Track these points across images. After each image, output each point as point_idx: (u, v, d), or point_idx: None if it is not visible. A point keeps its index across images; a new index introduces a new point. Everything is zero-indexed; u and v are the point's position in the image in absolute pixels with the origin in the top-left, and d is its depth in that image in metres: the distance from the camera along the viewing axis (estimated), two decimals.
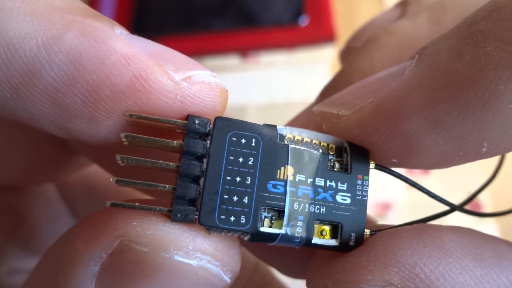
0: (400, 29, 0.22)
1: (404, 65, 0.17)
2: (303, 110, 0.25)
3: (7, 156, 0.22)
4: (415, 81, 0.15)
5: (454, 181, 0.65)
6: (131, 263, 0.15)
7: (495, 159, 0.70)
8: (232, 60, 0.82)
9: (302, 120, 0.23)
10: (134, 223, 0.16)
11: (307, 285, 0.18)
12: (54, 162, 0.24)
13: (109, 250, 0.15)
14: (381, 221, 0.57)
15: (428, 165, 0.17)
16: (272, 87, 0.79)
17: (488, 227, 0.60)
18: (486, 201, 0.63)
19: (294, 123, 0.24)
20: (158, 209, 0.16)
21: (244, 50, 0.83)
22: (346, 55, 0.27)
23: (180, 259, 0.15)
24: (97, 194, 0.29)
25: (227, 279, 0.17)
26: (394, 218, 0.64)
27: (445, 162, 0.16)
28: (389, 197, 0.65)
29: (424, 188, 0.20)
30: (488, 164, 0.67)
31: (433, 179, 0.66)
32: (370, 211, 0.21)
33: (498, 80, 0.14)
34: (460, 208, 0.21)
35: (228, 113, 0.18)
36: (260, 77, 0.80)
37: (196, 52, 0.83)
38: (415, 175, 0.67)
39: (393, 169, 0.19)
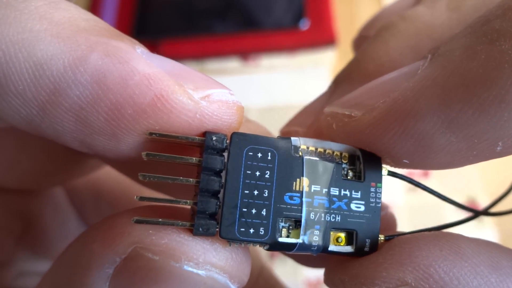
0: (417, 15, 0.21)
1: (416, 65, 0.17)
2: (305, 107, 0.25)
3: (20, 160, 0.22)
4: (428, 81, 0.15)
5: (454, 184, 0.65)
6: (142, 270, 0.16)
7: (497, 161, 0.69)
8: (233, 63, 0.83)
9: (306, 117, 0.24)
10: (150, 231, 0.16)
11: (325, 280, 0.19)
12: (65, 165, 0.25)
13: (123, 255, 0.16)
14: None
15: (440, 165, 0.17)
16: (273, 90, 0.79)
17: (487, 230, 0.60)
18: (483, 200, 0.63)
19: (297, 120, 0.24)
20: (180, 223, 0.16)
21: (245, 53, 0.83)
22: (359, 44, 0.27)
23: (190, 269, 0.16)
24: (105, 199, 0.30)
25: (234, 287, 0.17)
26: None
27: (458, 161, 0.16)
28: (389, 200, 0.66)
29: (444, 196, 0.20)
30: (488, 167, 0.67)
31: (433, 181, 0.66)
32: None
33: None
34: (485, 212, 0.21)
35: None
36: (261, 80, 0.81)
37: (197, 55, 0.84)
38: (414, 177, 0.67)
39: (403, 173, 0.19)
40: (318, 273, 0.63)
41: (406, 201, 0.66)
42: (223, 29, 0.85)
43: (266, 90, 0.80)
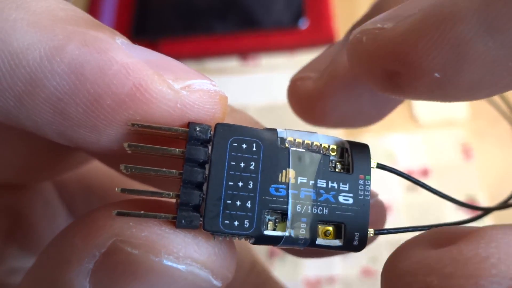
0: None
1: None
2: (318, 55, 0.24)
3: (4, 155, 0.22)
4: None
5: (453, 183, 0.65)
6: (122, 264, 0.16)
7: (496, 160, 0.69)
8: (232, 63, 0.83)
9: (319, 63, 0.23)
10: (130, 223, 0.16)
11: (386, 284, 0.16)
12: (52, 159, 0.24)
13: (102, 249, 0.16)
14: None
15: (473, 83, 0.15)
16: (273, 89, 0.79)
17: None
18: (483, 200, 0.63)
19: (310, 66, 0.23)
20: (163, 216, 0.16)
21: (245, 53, 0.83)
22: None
23: (170, 263, 0.16)
24: (94, 193, 0.29)
25: (218, 283, 0.17)
26: (393, 220, 0.64)
27: (492, 78, 0.15)
28: (387, 198, 0.66)
29: (440, 192, 0.20)
30: (487, 166, 0.67)
31: (432, 180, 0.66)
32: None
33: None
34: (493, 209, 0.21)
35: None
36: (260, 80, 0.81)
37: (196, 55, 0.84)
38: (415, 176, 0.67)
39: (395, 168, 0.19)
40: (317, 273, 0.63)
41: (405, 200, 0.65)
42: (222, 29, 0.85)
43: (265, 89, 0.80)
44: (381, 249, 0.64)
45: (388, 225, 0.23)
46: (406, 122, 0.71)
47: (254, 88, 0.80)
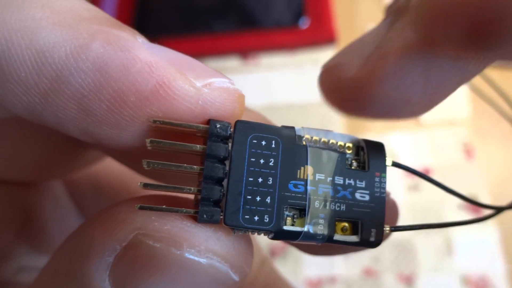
0: None
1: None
2: (353, 42, 0.22)
3: (21, 152, 0.22)
4: None
5: (455, 182, 0.65)
6: (143, 257, 0.16)
7: (498, 161, 0.69)
8: (232, 62, 0.83)
9: (361, 49, 0.21)
10: (152, 217, 0.16)
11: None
12: (64, 158, 0.25)
13: (124, 243, 0.16)
14: None
15: None
16: (273, 89, 0.79)
17: (489, 228, 0.60)
18: (484, 199, 0.63)
19: (350, 51, 0.22)
20: (184, 210, 0.16)
21: (245, 52, 0.83)
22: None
23: (191, 256, 0.16)
24: (105, 193, 0.30)
25: (236, 277, 0.17)
26: None
27: None
28: None
29: (449, 188, 0.20)
30: (488, 166, 0.67)
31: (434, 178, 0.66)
32: None
33: None
34: (505, 208, 0.21)
35: None
36: (261, 79, 0.81)
37: (196, 54, 0.84)
38: (415, 176, 0.67)
39: (409, 166, 0.19)
40: (319, 272, 0.63)
41: (406, 200, 0.66)
42: (222, 28, 0.85)
43: (266, 88, 0.80)
44: (382, 248, 0.64)
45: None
46: (408, 121, 0.71)
47: (255, 87, 0.80)
